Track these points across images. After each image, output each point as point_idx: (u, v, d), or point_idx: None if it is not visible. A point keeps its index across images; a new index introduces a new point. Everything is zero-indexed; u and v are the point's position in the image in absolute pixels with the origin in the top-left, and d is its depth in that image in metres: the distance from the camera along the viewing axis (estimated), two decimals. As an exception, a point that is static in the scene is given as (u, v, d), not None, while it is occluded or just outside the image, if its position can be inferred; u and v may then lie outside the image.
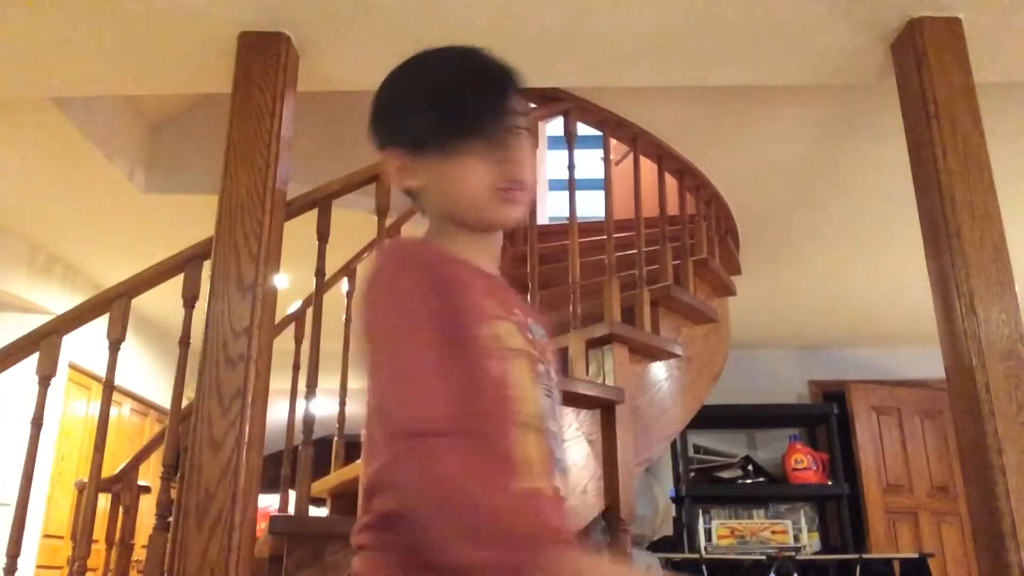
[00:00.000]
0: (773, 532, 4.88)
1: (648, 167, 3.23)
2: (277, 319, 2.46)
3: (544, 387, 0.88)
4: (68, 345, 2.40)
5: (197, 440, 2.05)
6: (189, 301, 2.34)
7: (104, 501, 3.19)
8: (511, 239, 3.58)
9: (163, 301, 2.70)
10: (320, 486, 2.77)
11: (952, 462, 5.35)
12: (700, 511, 5.01)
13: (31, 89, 2.88)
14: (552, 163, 5.81)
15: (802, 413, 5.62)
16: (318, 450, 2.41)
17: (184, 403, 2.33)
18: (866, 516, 5.25)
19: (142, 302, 2.50)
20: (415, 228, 3.40)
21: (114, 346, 2.33)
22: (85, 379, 4.92)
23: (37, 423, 2.28)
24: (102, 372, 2.38)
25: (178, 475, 2.28)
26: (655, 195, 3.21)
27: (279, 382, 2.38)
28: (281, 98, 2.35)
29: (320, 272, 2.48)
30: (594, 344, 2.63)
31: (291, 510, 2.65)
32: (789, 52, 2.53)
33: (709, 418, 3.77)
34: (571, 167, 2.90)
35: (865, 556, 4.49)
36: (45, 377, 2.31)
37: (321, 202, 2.51)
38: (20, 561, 2.19)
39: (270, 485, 2.76)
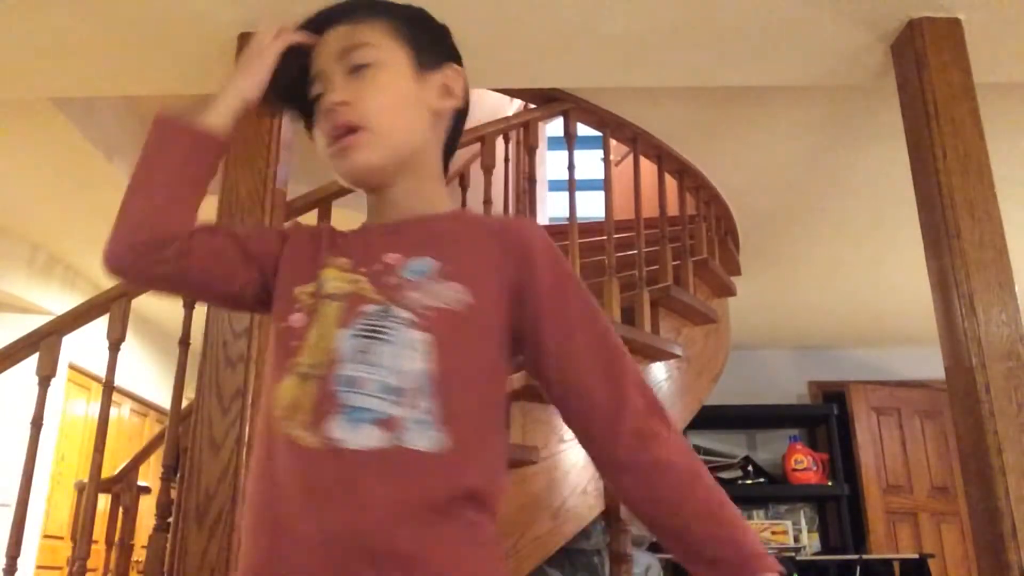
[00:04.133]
0: (773, 533, 4.89)
1: (648, 167, 3.23)
2: (277, 319, 2.45)
3: (353, 327, 0.80)
4: (68, 345, 2.40)
5: (197, 440, 2.05)
6: (189, 302, 2.34)
7: (104, 502, 3.19)
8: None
9: (163, 301, 2.70)
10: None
11: (952, 462, 5.35)
12: (700, 511, 5.00)
13: (31, 89, 2.88)
14: (552, 163, 5.81)
15: (802, 413, 5.62)
16: (318, 450, 2.40)
17: (184, 403, 2.33)
18: (866, 516, 5.25)
19: (142, 302, 2.51)
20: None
21: (114, 346, 2.33)
22: (85, 379, 4.92)
23: (37, 423, 2.28)
24: (102, 372, 2.38)
25: (178, 475, 2.27)
26: (655, 196, 3.21)
27: (279, 382, 2.38)
28: (281, 98, 2.35)
29: (320, 272, 2.48)
30: (594, 344, 2.63)
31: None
32: (789, 52, 2.53)
33: (709, 418, 3.77)
34: (571, 167, 2.90)
35: (865, 557, 4.50)
36: (45, 377, 2.31)
37: (321, 202, 2.51)
38: (20, 562, 2.19)
39: (270, 485, 2.76)
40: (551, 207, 5.62)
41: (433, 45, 0.92)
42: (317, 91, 0.89)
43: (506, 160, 3.79)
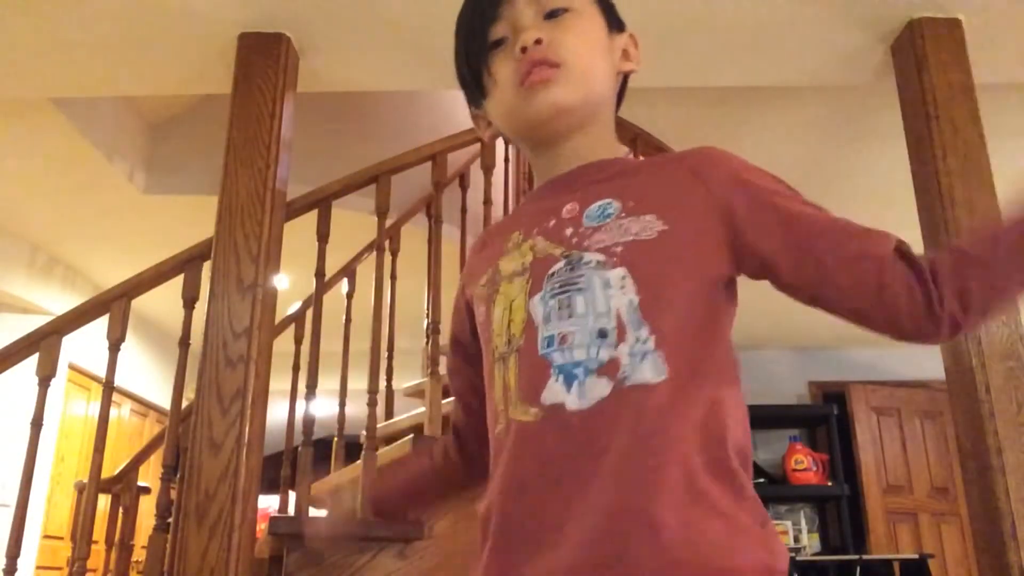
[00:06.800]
0: (773, 533, 4.88)
1: (648, 167, 3.23)
2: (277, 320, 2.46)
3: (547, 290, 0.75)
4: (68, 346, 2.39)
5: (197, 441, 2.05)
6: (189, 302, 2.34)
7: (104, 502, 3.19)
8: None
9: (163, 302, 2.70)
10: (320, 487, 2.77)
11: (952, 463, 5.35)
12: (700, 512, 5.01)
13: (31, 89, 2.88)
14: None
15: (802, 414, 5.62)
16: (318, 451, 2.41)
17: (184, 404, 2.33)
18: (866, 517, 5.25)
19: (142, 303, 2.50)
20: (415, 228, 3.41)
21: (114, 347, 2.33)
22: (85, 380, 4.92)
23: (37, 424, 2.28)
24: (102, 373, 2.38)
25: (178, 476, 2.28)
26: (655, 195, 3.21)
27: (279, 383, 2.38)
28: (281, 99, 2.35)
29: (320, 273, 2.48)
30: (594, 344, 2.63)
31: (291, 511, 2.65)
32: (789, 52, 2.53)
33: (709, 419, 3.76)
34: (571, 167, 2.90)
35: (865, 557, 4.49)
36: (45, 378, 2.31)
37: (321, 203, 2.51)
38: (20, 562, 2.18)
39: (270, 486, 2.76)
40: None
41: (614, 10, 0.92)
42: (500, 34, 0.84)
43: (506, 160, 3.79)
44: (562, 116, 0.82)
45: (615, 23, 0.90)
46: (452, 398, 1.00)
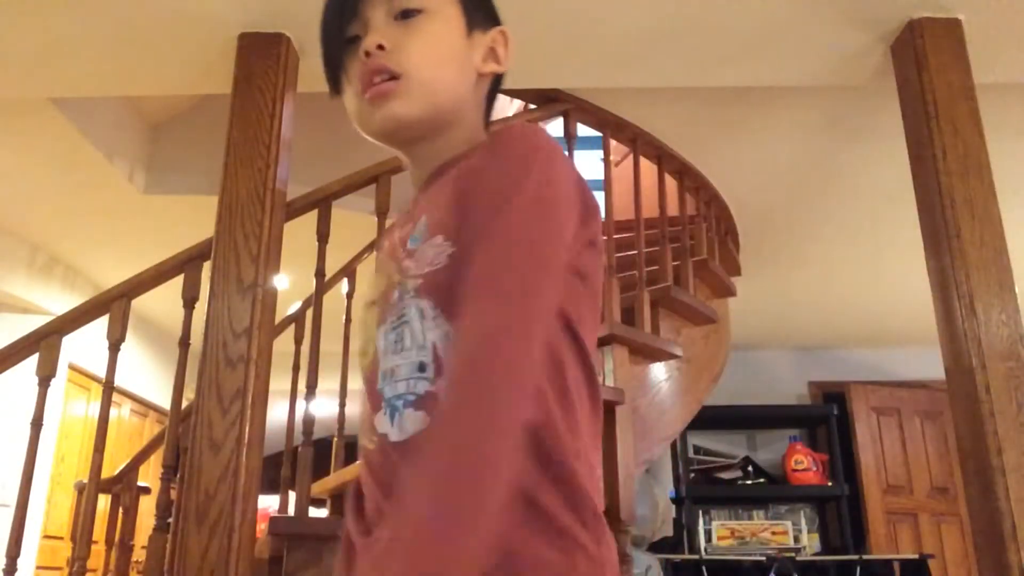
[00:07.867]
0: (773, 533, 4.88)
1: (648, 168, 3.23)
2: (277, 320, 2.46)
3: (388, 322, 0.74)
4: (68, 346, 2.40)
5: (197, 441, 2.05)
6: (189, 302, 2.34)
7: (104, 502, 3.19)
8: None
9: (163, 302, 2.70)
10: (320, 487, 2.77)
11: (952, 463, 5.36)
12: (700, 512, 5.01)
13: (31, 89, 2.88)
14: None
15: (802, 414, 5.62)
16: (318, 451, 2.41)
17: (184, 404, 2.33)
18: (866, 517, 5.25)
19: (142, 303, 2.50)
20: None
21: (114, 347, 2.33)
22: (85, 380, 4.91)
23: (37, 424, 2.28)
24: (102, 373, 2.38)
25: (178, 476, 2.28)
26: (655, 196, 3.21)
27: (279, 383, 2.38)
28: (281, 99, 2.35)
29: (320, 273, 2.48)
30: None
31: (291, 511, 2.65)
32: (789, 52, 2.53)
33: (709, 419, 3.77)
34: (571, 168, 2.89)
35: (865, 557, 4.49)
36: (45, 378, 2.31)
37: (321, 203, 2.51)
38: (20, 562, 2.19)
39: (270, 486, 2.76)
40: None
41: (483, 4, 0.87)
42: (354, 32, 0.81)
43: (506, 160, 3.79)
44: (404, 129, 0.79)
45: (479, 21, 0.85)
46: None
